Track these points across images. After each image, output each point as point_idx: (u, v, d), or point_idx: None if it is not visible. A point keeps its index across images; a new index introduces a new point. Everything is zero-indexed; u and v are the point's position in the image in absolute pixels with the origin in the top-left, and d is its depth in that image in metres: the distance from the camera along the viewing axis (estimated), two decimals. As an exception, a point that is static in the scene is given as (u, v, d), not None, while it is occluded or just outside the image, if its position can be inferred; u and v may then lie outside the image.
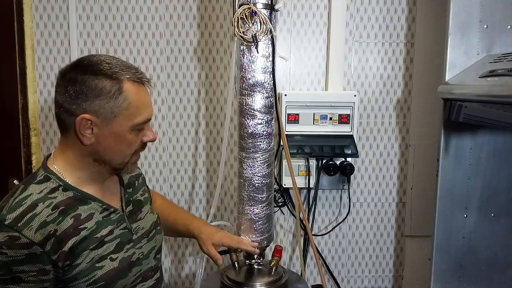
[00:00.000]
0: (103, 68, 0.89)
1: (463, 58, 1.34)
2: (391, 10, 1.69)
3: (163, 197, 1.39)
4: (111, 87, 0.88)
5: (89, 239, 0.90)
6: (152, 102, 0.99)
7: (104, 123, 0.89)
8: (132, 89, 0.91)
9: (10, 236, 0.80)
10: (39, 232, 0.82)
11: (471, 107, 1.17)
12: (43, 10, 1.64)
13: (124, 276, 0.96)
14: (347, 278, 1.84)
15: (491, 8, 1.31)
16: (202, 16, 1.68)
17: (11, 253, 0.80)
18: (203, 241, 1.20)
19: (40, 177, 0.90)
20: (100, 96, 0.88)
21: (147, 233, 1.06)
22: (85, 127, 0.89)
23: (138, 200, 1.08)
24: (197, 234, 1.22)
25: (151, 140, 0.99)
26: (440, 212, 1.41)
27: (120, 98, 0.89)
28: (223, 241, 1.22)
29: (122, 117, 0.90)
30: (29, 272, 0.82)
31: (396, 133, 1.76)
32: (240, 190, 1.32)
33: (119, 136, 0.92)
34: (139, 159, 1.02)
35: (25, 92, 1.66)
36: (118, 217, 0.98)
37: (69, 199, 0.90)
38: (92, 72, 0.88)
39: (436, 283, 1.44)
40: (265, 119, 1.28)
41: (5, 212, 0.83)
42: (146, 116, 0.94)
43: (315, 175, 1.66)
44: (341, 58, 1.68)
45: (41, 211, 0.85)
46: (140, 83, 0.93)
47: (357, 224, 1.81)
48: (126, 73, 0.91)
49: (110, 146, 0.92)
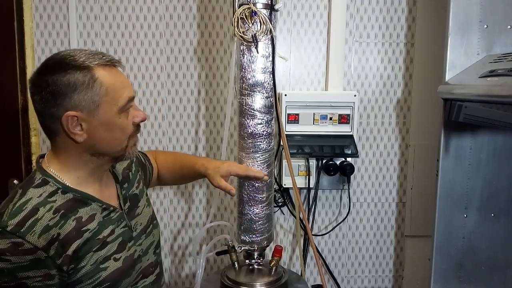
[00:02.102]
0: (69, 62, 0.87)
1: (463, 58, 1.34)
2: (391, 10, 1.69)
3: (162, 151, 1.37)
4: (83, 77, 0.86)
5: (91, 241, 0.89)
6: (129, 81, 0.96)
7: (91, 116, 0.88)
8: (104, 74, 0.89)
9: (14, 243, 0.79)
10: (42, 237, 0.81)
11: (471, 107, 1.17)
12: (43, 10, 1.65)
13: (128, 275, 0.96)
14: (347, 278, 1.84)
15: (491, 8, 1.31)
16: (202, 16, 1.68)
17: (15, 259, 0.79)
18: (211, 177, 1.19)
19: (38, 181, 0.89)
20: (76, 90, 0.86)
21: (145, 229, 1.06)
22: (73, 124, 0.87)
23: (134, 195, 1.07)
24: (204, 171, 1.21)
25: (142, 120, 0.97)
26: (440, 212, 1.41)
27: (96, 86, 0.87)
28: (230, 170, 1.21)
29: (105, 104, 0.88)
30: (34, 278, 0.81)
31: (396, 133, 1.76)
32: (240, 190, 1.32)
33: (109, 124, 0.90)
34: (138, 141, 1.00)
35: (25, 92, 1.66)
36: (118, 216, 0.97)
37: (69, 202, 0.89)
38: (60, 69, 0.86)
39: (436, 283, 1.44)
40: (265, 119, 1.28)
41: (5, 218, 0.82)
42: (127, 94, 0.92)
43: (315, 175, 1.66)
44: (341, 58, 1.68)
45: (43, 216, 0.83)
46: (111, 66, 0.91)
47: (357, 224, 1.81)
48: (94, 59, 0.88)
49: (104, 136, 0.90)
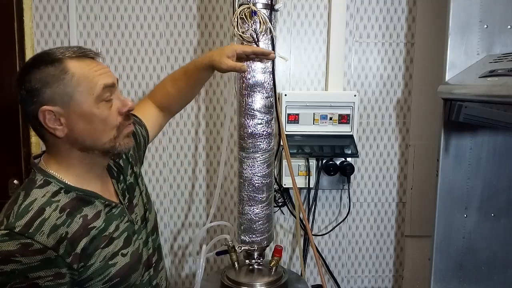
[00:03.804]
0: (42, 58, 0.87)
1: (463, 58, 1.34)
2: (391, 10, 1.69)
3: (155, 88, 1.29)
4: (54, 70, 0.85)
5: (98, 238, 0.89)
6: (108, 70, 0.92)
7: (66, 109, 0.86)
8: (76, 65, 0.87)
9: (23, 244, 0.79)
10: (51, 236, 0.81)
11: (471, 107, 1.17)
12: (43, 10, 1.65)
13: (136, 270, 0.97)
14: (347, 278, 1.84)
15: (491, 8, 1.32)
16: (202, 16, 1.68)
17: (25, 260, 0.79)
18: (218, 61, 1.13)
19: (40, 182, 0.88)
20: (48, 84, 0.85)
21: (142, 218, 1.05)
22: (51, 120, 0.86)
23: (130, 184, 1.06)
24: (209, 62, 1.16)
25: (130, 109, 0.93)
26: (440, 212, 1.41)
27: (67, 77, 0.85)
28: (235, 48, 1.15)
29: (79, 95, 0.86)
30: (45, 278, 0.81)
31: (396, 133, 1.76)
32: (240, 190, 1.32)
33: (87, 115, 0.88)
34: (131, 131, 0.97)
35: (25, 92, 1.66)
36: (120, 211, 0.97)
37: (73, 201, 0.88)
38: (34, 66, 0.86)
39: (436, 283, 1.44)
40: (265, 119, 1.28)
41: (12, 220, 0.81)
42: (103, 82, 0.88)
43: (315, 175, 1.66)
44: (341, 58, 1.68)
45: (50, 215, 0.83)
46: (84, 57, 0.89)
47: (357, 224, 1.81)
48: (66, 52, 0.87)
49: (85, 128, 0.88)
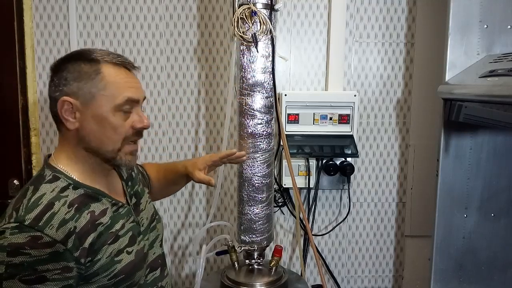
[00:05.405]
0: (84, 54, 0.91)
1: (463, 58, 1.34)
2: (391, 10, 1.69)
3: (153, 164, 1.37)
4: (89, 69, 0.89)
5: (105, 235, 0.91)
6: (139, 85, 0.95)
7: (85, 106, 0.89)
8: (110, 71, 0.91)
9: (33, 236, 0.80)
10: (60, 230, 0.83)
11: (471, 107, 1.17)
12: (43, 10, 1.65)
13: (141, 268, 0.98)
14: (347, 278, 1.84)
15: (491, 8, 1.32)
16: (202, 16, 1.68)
17: (34, 252, 0.80)
18: (191, 173, 1.20)
19: (49, 177, 0.90)
20: (78, 78, 0.89)
21: (149, 224, 1.08)
22: (67, 111, 0.89)
23: (137, 192, 1.09)
24: (184, 172, 1.22)
25: (144, 127, 0.95)
26: (440, 212, 1.41)
27: (97, 79, 0.89)
28: (205, 160, 1.22)
29: (101, 98, 0.89)
30: (53, 271, 0.82)
31: (396, 133, 1.76)
32: (240, 190, 1.32)
33: (101, 118, 0.90)
34: (136, 150, 0.99)
35: (25, 92, 1.66)
36: (126, 211, 0.99)
37: (81, 197, 0.90)
38: (74, 59, 0.91)
39: (436, 283, 1.44)
40: (265, 119, 1.28)
41: (22, 213, 0.82)
42: (127, 95, 0.91)
43: (315, 175, 1.66)
44: (341, 58, 1.68)
45: (59, 209, 0.85)
46: (120, 66, 0.93)
47: (357, 224, 1.81)
48: (107, 56, 0.91)
49: (95, 130, 0.91)
